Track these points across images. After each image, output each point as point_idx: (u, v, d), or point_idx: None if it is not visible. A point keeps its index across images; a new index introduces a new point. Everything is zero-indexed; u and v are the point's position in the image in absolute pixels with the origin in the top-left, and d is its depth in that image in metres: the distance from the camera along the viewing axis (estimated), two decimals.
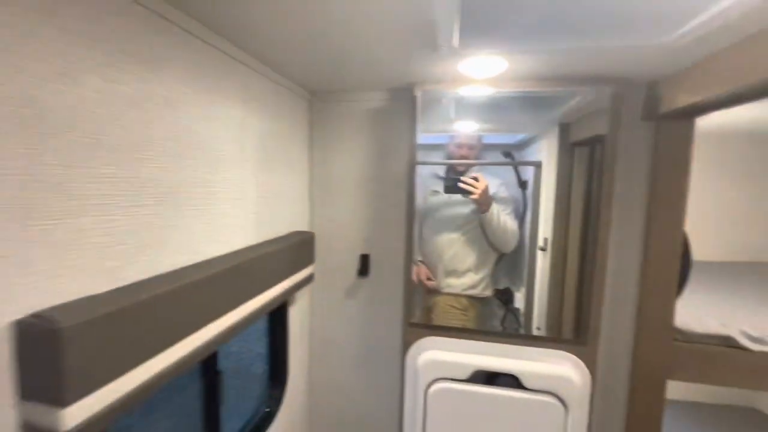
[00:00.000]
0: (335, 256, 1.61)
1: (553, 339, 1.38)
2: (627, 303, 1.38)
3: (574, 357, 1.33)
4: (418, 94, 1.34)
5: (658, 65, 1.08)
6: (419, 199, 1.49)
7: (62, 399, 0.53)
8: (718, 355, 1.35)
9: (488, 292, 1.51)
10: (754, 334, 1.36)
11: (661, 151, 1.26)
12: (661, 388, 1.35)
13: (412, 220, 1.45)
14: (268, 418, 1.37)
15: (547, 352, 1.34)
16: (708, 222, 2.39)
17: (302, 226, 1.54)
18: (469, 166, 1.47)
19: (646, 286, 1.32)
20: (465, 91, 1.33)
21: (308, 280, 1.43)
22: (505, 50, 0.97)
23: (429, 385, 1.35)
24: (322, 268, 1.62)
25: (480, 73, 1.17)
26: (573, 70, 1.17)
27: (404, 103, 1.45)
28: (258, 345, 1.69)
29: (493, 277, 1.50)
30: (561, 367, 1.31)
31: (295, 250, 1.28)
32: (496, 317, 1.52)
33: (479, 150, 1.45)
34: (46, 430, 0.53)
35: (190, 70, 0.84)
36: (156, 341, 0.69)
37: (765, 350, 1.34)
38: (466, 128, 1.45)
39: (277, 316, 1.42)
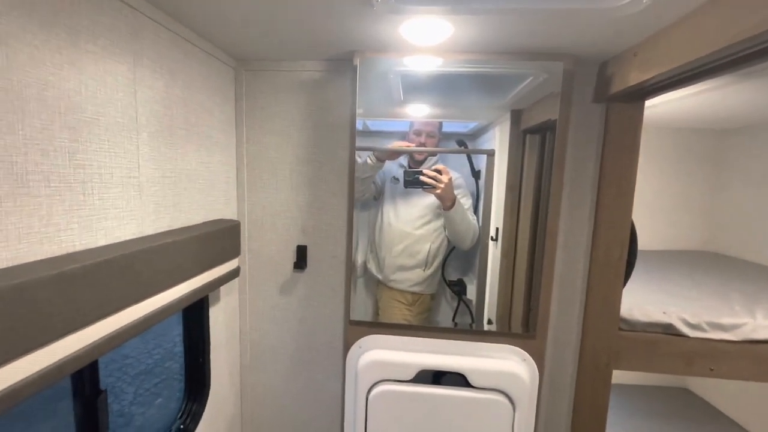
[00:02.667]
0: (268, 248, 1.43)
1: (501, 333, 1.32)
2: (575, 293, 1.34)
3: (523, 352, 1.28)
4: (358, 62, 1.19)
5: (609, 39, 1.02)
6: (381, 185, 1.38)
7: None
8: (660, 343, 1.35)
9: (434, 289, 1.41)
10: (692, 320, 1.38)
11: (610, 134, 1.22)
12: (608, 378, 1.33)
13: (353, 209, 1.32)
14: None
15: (496, 347, 1.29)
16: (642, 211, 2.47)
17: (228, 213, 1.34)
18: (426, 155, 1.34)
19: (593, 275, 1.29)
20: (410, 63, 1.20)
21: (233, 275, 1.25)
22: (446, 7, 0.84)
23: (371, 389, 1.25)
24: (253, 262, 1.43)
25: (424, 39, 1.04)
26: (522, 43, 1.09)
27: (345, 75, 1.30)
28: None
29: (443, 271, 1.40)
30: (509, 363, 1.26)
31: (211, 241, 1.09)
32: (448, 309, 1.43)
33: (438, 139, 1.33)
34: None
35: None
36: None
37: (700, 336, 1.36)
38: (418, 112, 1.33)
39: (192, 318, 1.22)
